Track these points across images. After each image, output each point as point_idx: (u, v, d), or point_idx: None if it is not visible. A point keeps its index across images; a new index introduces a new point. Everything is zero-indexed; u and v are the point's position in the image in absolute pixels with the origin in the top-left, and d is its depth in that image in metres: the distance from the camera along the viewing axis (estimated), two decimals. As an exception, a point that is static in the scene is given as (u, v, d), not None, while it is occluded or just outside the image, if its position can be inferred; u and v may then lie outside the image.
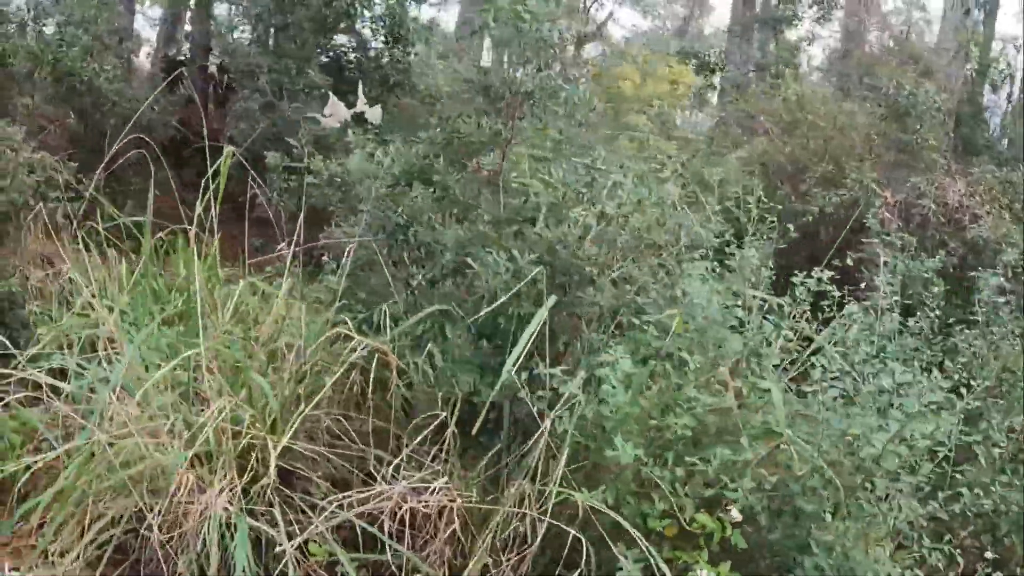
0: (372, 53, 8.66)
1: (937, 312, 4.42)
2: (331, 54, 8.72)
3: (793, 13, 11.65)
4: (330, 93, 4.19)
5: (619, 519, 2.47)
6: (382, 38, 8.76)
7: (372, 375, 2.81)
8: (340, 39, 9.03)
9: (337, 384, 3.23)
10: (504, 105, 3.14)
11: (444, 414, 2.81)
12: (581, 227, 2.74)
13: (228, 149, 3.21)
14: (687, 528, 2.72)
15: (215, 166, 3.27)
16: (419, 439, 2.76)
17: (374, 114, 4.20)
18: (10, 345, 3.51)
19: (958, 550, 3.21)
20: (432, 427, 2.85)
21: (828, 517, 2.86)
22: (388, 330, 2.90)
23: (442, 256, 2.91)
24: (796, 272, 3.64)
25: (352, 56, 8.74)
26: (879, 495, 2.97)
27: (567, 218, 2.73)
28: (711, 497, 2.80)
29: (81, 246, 3.76)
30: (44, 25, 7.11)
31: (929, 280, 4.93)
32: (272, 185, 6.18)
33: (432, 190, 3.02)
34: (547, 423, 2.50)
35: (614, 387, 2.51)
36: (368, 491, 2.79)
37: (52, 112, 7.01)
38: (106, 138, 6.89)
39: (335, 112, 4.17)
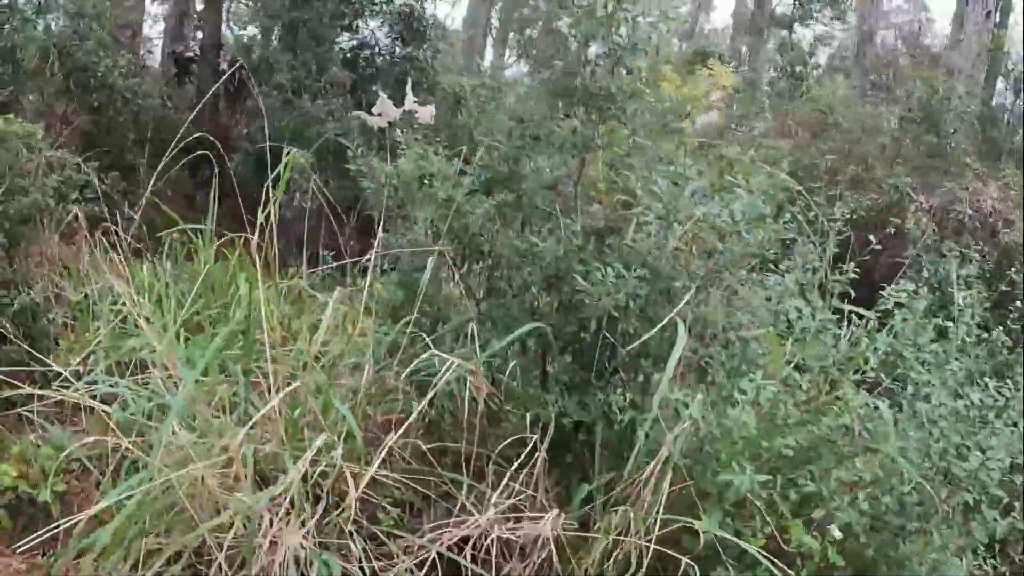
0: (389, 50, 8.41)
1: (977, 319, 4.38)
2: (345, 51, 8.44)
3: (807, 12, 11.59)
4: (379, 91, 3.95)
5: (742, 543, 2.34)
6: (396, 34, 8.51)
7: (467, 398, 2.61)
8: (347, 36, 8.76)
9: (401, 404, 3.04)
10: (584, 108, 2.96)
11: (536, 436, 2.63)
12: (683, 239, 2.57)
13: (293, 152, 2.98)
14: (784, 548, 2.62)
15: (275, 172, 3.04)
16: (516, 465, 2.57)
17: (426, 113, 3.97)
18: (44, 359, 3.26)
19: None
20: (523, 449, 2.66)
21: (932, 532, 2.80)
22: (477, 349, 2.71)
23: (532, 268, 2.71)
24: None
25: (366, 53, 8.48)
26: (965, 507, 2.96)
27: (672, 230, 2.56)
28: (806, 515, 2.71)
29: (120, 253, 3.51)
30: (54, 19, 6.76)
31: (969, 286, 4.88)
32: (293, 186, 5.94)
33: (518, 196, 2.83)
34: (664, 449, 2.34)
35: (742, 411, 2.36)
36: (455, 521, 2.61)
37: (62, 109, 6.66)
38: (116, 136, 6.59)
39: (384, 111, 3.93)
